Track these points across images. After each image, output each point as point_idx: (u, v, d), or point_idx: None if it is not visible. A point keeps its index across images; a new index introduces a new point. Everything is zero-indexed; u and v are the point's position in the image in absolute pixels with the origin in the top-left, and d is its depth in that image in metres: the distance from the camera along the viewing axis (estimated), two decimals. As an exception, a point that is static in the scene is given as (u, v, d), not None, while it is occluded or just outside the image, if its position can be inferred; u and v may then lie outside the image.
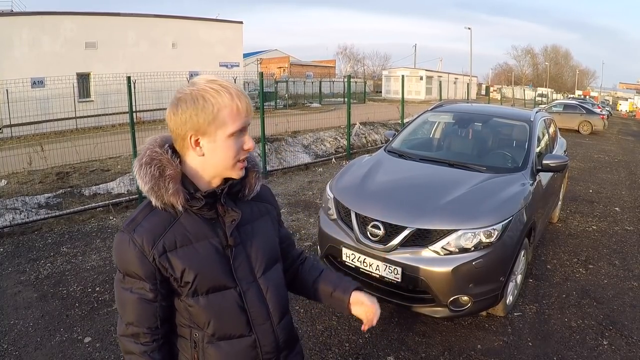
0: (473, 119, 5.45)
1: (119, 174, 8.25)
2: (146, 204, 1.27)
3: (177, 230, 1.25)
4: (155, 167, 1.23)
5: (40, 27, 18.97)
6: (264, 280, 1.36)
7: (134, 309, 1.25)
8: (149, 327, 1.27)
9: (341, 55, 79.66)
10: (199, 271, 1.25)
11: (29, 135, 15.84)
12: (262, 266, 1.36)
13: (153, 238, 1.22)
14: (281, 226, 1.55)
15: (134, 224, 1.24)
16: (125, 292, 1.26)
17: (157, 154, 1.25)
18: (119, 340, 1.31)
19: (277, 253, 1.45)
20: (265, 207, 1.46)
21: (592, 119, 21.42)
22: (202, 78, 1.23)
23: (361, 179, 4.15)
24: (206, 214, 1.28)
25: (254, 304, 1.33)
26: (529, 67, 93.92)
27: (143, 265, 1.22)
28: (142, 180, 1.23)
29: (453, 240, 3.30)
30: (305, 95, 36.76)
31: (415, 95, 45.85)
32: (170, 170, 1.23)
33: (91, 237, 5.50)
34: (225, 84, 1.21)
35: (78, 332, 3.50)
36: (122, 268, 1.26)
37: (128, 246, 1.22)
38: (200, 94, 1.19)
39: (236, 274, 1.30)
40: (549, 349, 3.43)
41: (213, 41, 25.45)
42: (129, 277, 1.25)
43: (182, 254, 1.24)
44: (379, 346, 3.42)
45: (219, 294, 1.29)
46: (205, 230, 1.27)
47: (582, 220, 6.75)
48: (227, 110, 1.19)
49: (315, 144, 11.43)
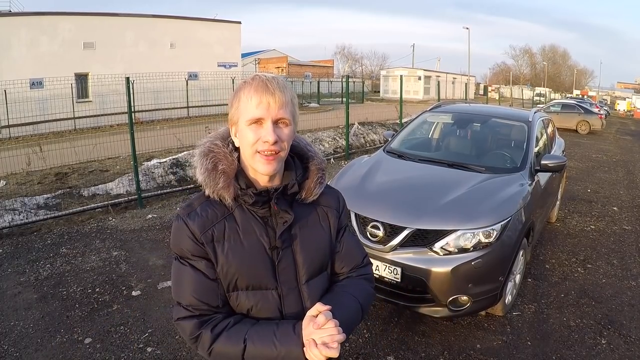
0: (472, 120, 5.47)
1: (117, 175, 8.25)
2: (204, 192, 1.30)
3: (228, 223, 1.28)
4: (209, 159, 1.27)
5: (38, 28, 18.94)
6: (307, 287, 1.34)
7: (194, 288, 1.26)
8: (211, 305, 1.27)
9: (339, 55, 79.78)
10: (240, 266, 1.26)
11: (28, 135, 15.83)
12: (307, 273, 1.34)
13: (204, 225, 1.26)
14: (342, 234, 1.47)
15: (189, 209, 1.30)
16: (185, 271, 1.28)
17: (215, 147, 1.29)
18: (178, 325, 1.30)
19: (326, 261, 1.41)
20: (325, 213, 1.42)
21: (590, 118, 21.48)
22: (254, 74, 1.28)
23: (360, 179, 4.16)
24: (259, 212, 1.29)
25: (292, 308, 1.31)
26: (527, 66, 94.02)
27: (196, 246, 1.26)
28: (198, 170, 1.28)
29: (452, 241, 3.32)
30: (304, 95, 36.81)
31: (414, 95, 45.87)
32: (223, 165, 1.27)
33: (90, 238, 5.50)
34: (258, 77, 1.24)
35: (78, 333, 3.50)
36: (178, 250, 1.29)
37: (182, 230, 1.27)
38: (238, 87, 1.27)
39: (279, 276, 1.30)
40: (548, 348, 3.45)
41: (211, 41, 25.43)
42: (186, 258, 1.28)
43: (227, 247, 1.26)
44: (379, 346, 3.44)
45: (259, 292, 1.29)
46: (255, 227, 1.28)
47: (581, 219, 6.78)
48: (246, 99, 1.22)
49: (314, 144, 11.31)
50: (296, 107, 1.30)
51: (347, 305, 1.35)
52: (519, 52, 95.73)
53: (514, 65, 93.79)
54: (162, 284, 4.32)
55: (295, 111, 1.28)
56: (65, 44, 19.76)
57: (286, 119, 1.23)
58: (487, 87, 58.60)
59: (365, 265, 1.51)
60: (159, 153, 10.21)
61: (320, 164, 1.39)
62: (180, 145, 10.70)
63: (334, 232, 1.43)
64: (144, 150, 9.36)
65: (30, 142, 12.66)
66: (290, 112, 1.25)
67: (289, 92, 1.25)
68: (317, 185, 1.36)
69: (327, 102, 35.29)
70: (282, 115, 1.22)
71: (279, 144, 1.22)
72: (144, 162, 8.72)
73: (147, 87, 15.82)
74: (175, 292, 1.31)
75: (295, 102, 1.28)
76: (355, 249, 1.50)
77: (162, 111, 19.63)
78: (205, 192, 1.28)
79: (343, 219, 1.48)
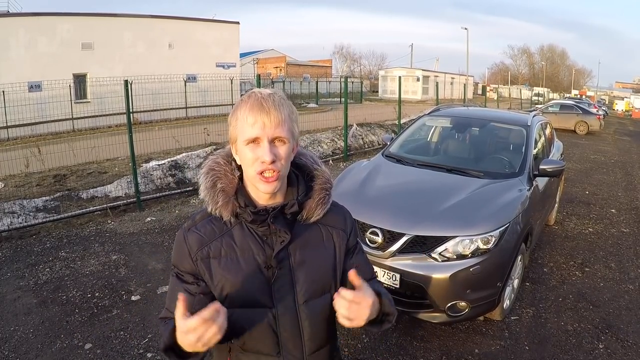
0: (470, 124, 5.48)
1: (116, 177, 8.26)
2: (207, 208, 1.33)
3: (226, 240, 1.30)
4: (210, 178, 1.30)
5: (36, 28, 18.89)
6: (305, 308, 1.32)
7: (175, 297, 1.29)
8: None
9: (338, 55, 79.56)
10: (234, 283, 1.27)
11: (26, 136, 15.82)
12: (306, 294, 1.32)
13: (201, 242, 1.29)
14: (353, 254, 1.45)
15: (191, 224, 1.34)
16: (174, 281, 1.34)
17: (216, 165, 1.32)
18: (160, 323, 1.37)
19: (329, 283, 1.37)
20: (330, 233, 1.39)
21: (588, 119, 21.53)
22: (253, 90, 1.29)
23: (359, 184, 4.18)
24: (258, 230, 1.29)
25: (286, 329, 1.31)
26: (525, 66, 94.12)
27: (188, 263, 1.30)
28: (200, 188, 1.32)
29: (451, 247, 3.33)
30: (302, 95, 36.80)
31: (412, 95, 45.88)
32: (222, 183, 1.29)
33: (89, 242, 5.50)
34: (254, 95, 1.24)
35: (78, 338, 3.51)
36: (174, 260, 1.35)
37: (181, 243, 1.32)
38: (236, 105, 1.27)
39: (275, 295, 1.30)
40: (546, 353, 3.47)
41: (210, 42, 25.40)
42: (177, 269, 1.33)
43: (223, 263, 1.28)
44: (378, 351, 3.45)
45: (252, 310, 1.29)
46: (253, 245, 1.29)
47: (579, 222, 6.80)
48: (243, 119, 1.22)
49: (313, 146, 11.44)
50: (295, 123, 1.28)
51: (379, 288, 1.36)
52: (517, 52, 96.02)
53: (513, 65, 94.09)
54: (162, 289, 4.33)
55: (293, 127, 1.27)
56: (63, 45, 19.70)
57: (283, 137, 1.22)
58: (486, 87, 58.81)
59: (372, 279, 1.49)
60: (158, 154, 10.22)
61: (325, 184, 1.37)
62: (178, 147, 10.72)
63: (339, 252, 1.40)
64: (142, 152, 9.37)
65: (29, 143, 12.66)
66: (288, 129, 1.23)
67: (286, 108, 1.24)
68: (320, 206, 1.34)
69: (326, 102, 35.29)
70: (278, 134, 1.21)
71: (277, 163, 1.22)
72: (142, 163, 8.74)
73: (146, 88, 15.82)
74: (167, 294, 1.38)
75: (293, 118, 1.27)
76: (366, 266, 1.49)
77: (161, 112, 19.64)
78: (208, 209, 1.30)
79: (352, 239, 1.45)
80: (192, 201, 7.33)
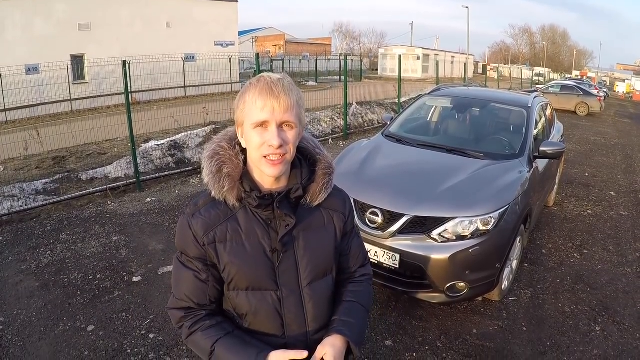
0: (471, 104, 5.45)
1: (115, 157, 8.22)
2: (210, 192, 1.33)
3: (231, 224, 1.31)
4: (215, 163, 1.30)
5: (32, 10, 18.56)
6: (309, 290, 1.36)
7: (188, 285, 1.34)
8: (198, 302, 1.34)
9: (337, 33, 78.77)
10: (240, 267, 1.30)
11: (24, 119, 15.74)
12: (309, 276, 1.36)
13: (207, 227, 1.30)
14: (349, 237, 1.50)
15: (194, 209, 1.33)
16: (181, 269, 1.35)
17: (221, 149, 1.32)
18: (170, 313, 1.40)
19: (331, 265, 1.43)
20: (331, 216, 1.43)
21: (588, 100, 21.42)
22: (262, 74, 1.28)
23: (359, 165, 4.17)
24: (262, 214, 1.31)
25: (291, 311, 1.34)
26: (526, 46, 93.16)
27: (195, 248, 1.31)
28: (204, 172, 1.31)
29: (450, 228, 3.34)
30: (302, 73, 36.51)
31: (412, 73, 45.46)
32: (228, 168, 1.29)
33: (90, 223, 5.51)
34: (264, 79, 1.24)
35: (81, 320, 3.54)
36: (180, 247, 1.36)
37: (185, 229, 1.32)
38: (244, 89, 1.27)
39: (280, 279, 1.32)
40: (543, 334, 3.51)
41: (208, 20, 25.04)
42: (185, 256, 1.34)
43: (229, 248, 1.30)
44: (377, 330, 3.49)
45: (258, 293, 1.33)
46: (258, 229, 1.31)
47: (578, 204, 6.82)
48: (251, 102, 1.22)
49: (312, 124, 11.37)
50: (302, 109, 1.29)
51: (360, 324, 1.42)
52: (518, 31, 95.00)
53: (513, 44, 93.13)
54: (163, 269, 4.36)
55: (301, 113, 1.28)
56: (60, 26, 19.39)
57: (291, 122, 1.24)
58: (486, 66, 58.27)
59: (366, 264, 1.57)
60: (157, 134, 10.17)
61: (327, 169, 1.39)
62: (177, 127, 10.67)
63: (339, 235, 1.44)
64: (141, 132, 9.34)
65: (27, 125, 12.59)
66: (296, 114, 1.25)
67: (295, 94, 1.25)
68: (323, 190, 1.37)
69: (325, 80, 35.05)
70: (287, 118, 1.23)
71: (284, 147, 1.23)
72: (141, 144, 8.69)
73: (144, 67, 15.66)
74: (172, 284, 1.39)
75: (301, 104, 1.28)
76: (361, 250, 1.55)
77: (159, 91, 19.49)
78: (212, 193, 1.31)
79: (350, 222, 1.49)
80: (192, 181, 7.33)
